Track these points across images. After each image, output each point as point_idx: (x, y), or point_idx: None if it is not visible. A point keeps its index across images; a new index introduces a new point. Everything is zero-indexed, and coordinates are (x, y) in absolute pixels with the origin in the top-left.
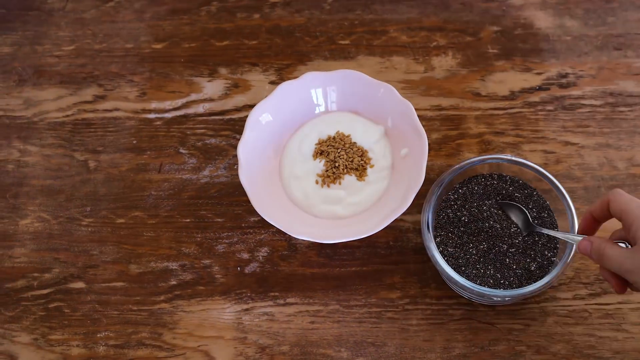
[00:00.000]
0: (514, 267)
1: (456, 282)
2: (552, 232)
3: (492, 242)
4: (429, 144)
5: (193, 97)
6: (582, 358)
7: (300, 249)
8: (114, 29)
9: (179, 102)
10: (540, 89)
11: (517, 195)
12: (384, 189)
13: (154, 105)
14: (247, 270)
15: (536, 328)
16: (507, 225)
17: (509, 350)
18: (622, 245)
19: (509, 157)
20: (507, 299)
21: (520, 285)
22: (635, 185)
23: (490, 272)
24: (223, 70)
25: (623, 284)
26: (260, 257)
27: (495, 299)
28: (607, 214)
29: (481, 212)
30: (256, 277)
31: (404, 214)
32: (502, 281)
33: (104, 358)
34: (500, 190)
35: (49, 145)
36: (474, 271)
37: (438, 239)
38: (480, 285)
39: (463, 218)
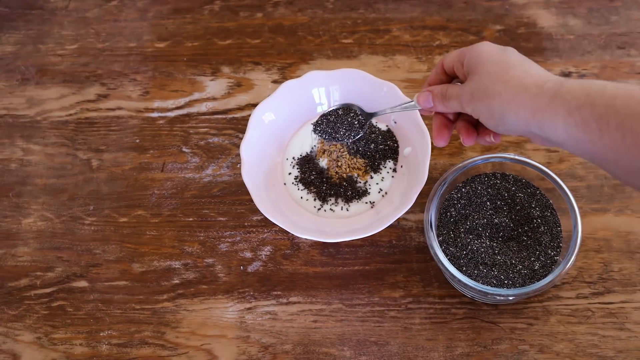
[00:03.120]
0: (518, 266)
1: (459, 281)
2: (387, 110)
3: (495, 242)
4: (431, 143)
5: (196, 96)
6: (585, 357)
7: (303, 248)
8: (117, 28)
9: (182, 101)
10: None
11: (519, 195)
12: (386, 187)
13: (156, 104)
14: (249, 269)
15: (539, 327)
16: (510, 225)
17: (511, 349)
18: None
19: (512, 156)
20: (510, 297)
21: (524, 285)
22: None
23: (493, 272)
24: (226, 69)
25: (469, 129)
26: (263, 256)
27: (498, 297)
28: (445, 75)
29: (484, 211)
30: (259, 276)
31: (406, 212)
32: (505, 281)
33: (107, 357)
34: (503, 189)
35: (52, 144)
36: (475, 271)
37: (441, 238)
38: (484, 284)
39: (466, 217)
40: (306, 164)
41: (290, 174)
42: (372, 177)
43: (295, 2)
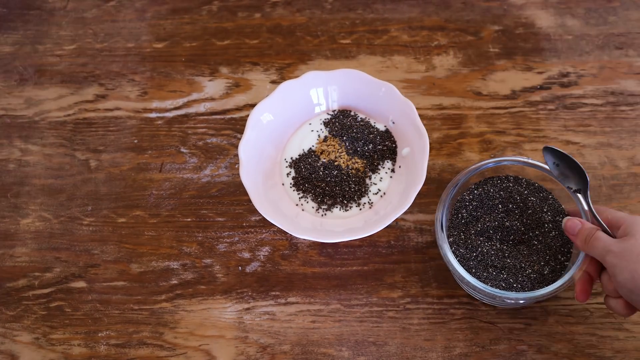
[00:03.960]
0: (528, 270)
1: (468, 283)
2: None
3: (505, 245)
4: (430, 143)
5: (194, 96)
6: (583, 357)
7: (301, 248)
8: (115, 28)
9: (180, 101)
10: (541, 88)
11: (531, 199)
12: (385, 188)
13: (155, 104)
14: (248, 269)
15: (537, 327)
16: (521, 229)
17: (510, 349)
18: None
19: (525, 160)
20: (520, 301)
21: (533, 289)
22: (636, 184)
23: (503, 275)
24: (224, 70)
25: (590, 286)
26: (261, 257)
27: (507, 301)
28: (599, 266)
29: (496, 213)
30: (257, 276)
31: (405, 213)
32: (514, 284)
33: (106, 357)
34: (516, 193)
35: (50, 145)
36: (485, 273)
37: (451, 239)
38: (493, 287)
39: (477, 219)
40: (304, 164)
41: (288, 174)
42: (370, 178)
43: (294, 3)
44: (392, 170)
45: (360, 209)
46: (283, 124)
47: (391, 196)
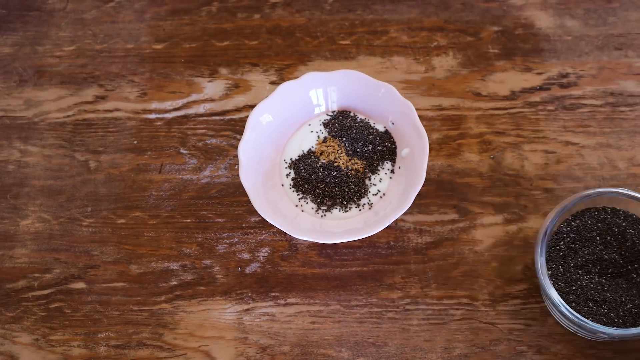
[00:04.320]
0: (629, 305)
1: (568, 317)
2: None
3: (604, 278)
4: (429, 144)
5: (194, 97)
6: (583, 358)
7: (300, 249)
8: (115, 29)
9: (180, 102)
10: (540, 88)
11: (630, 231)
12: (384, 189)
13: (154, 105)
14: (247, 270)
15: (537, 328)
16: (620, 262)
17: (509, 350)
18: None
19: (625, 192)
20: (623, 338)
21: (635, 324)
22: (636, 185)
23: (603, 310)
24: (223, 71)
25: None
26: (261, 257)
27: (603, 336)
28: None
29: (594, 246)
30: (257, 277)
31: (404, 214)
32: (615, 319)
33: (105, 358)
34: (614, 225)
35: (49, 146)
36: (585, 307)
37: (550, 272)
38: (594, 322)
39: (576, 252)
40: (304, 165)
41: (288, 175)
42: (370, 179)
43: (293, 4)
44: (392, 171)
45: (360, 210)
46: (282, 124)
47: (391, 197)
